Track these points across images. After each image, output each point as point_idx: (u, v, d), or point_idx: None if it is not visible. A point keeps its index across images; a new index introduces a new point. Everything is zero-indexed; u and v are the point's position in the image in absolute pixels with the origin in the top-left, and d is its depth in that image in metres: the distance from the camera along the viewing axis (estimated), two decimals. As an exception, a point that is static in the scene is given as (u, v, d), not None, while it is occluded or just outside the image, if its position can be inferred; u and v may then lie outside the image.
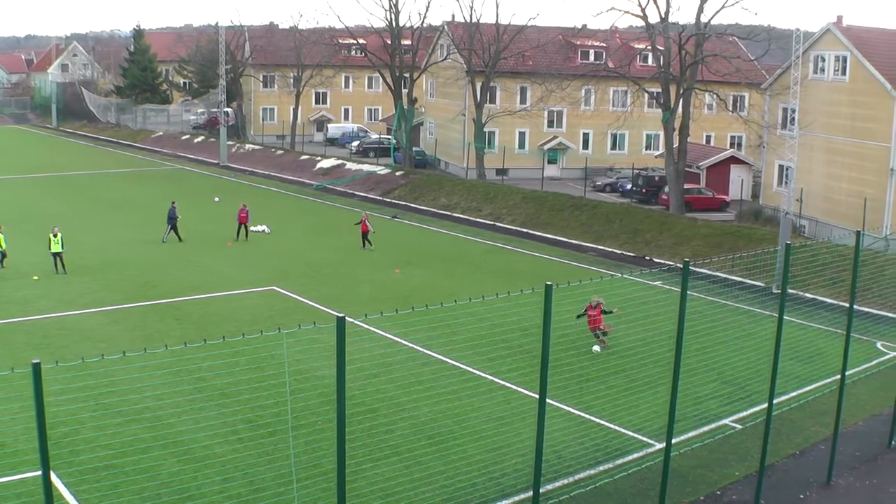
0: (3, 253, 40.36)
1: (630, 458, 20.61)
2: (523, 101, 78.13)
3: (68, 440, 20.57)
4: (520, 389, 24.88)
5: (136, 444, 20.66)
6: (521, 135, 79.36)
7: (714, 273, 37.92)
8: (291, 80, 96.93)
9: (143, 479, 18.72)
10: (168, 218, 47.58)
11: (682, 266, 16.09)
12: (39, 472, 11.83)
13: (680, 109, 56.67)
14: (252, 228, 49.78)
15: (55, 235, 39.99)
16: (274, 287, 37.58)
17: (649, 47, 63.26)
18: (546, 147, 78.90)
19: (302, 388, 23.86)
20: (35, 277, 38.75)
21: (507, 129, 77.50)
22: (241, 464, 19.86)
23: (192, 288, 37.40)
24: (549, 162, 77.86)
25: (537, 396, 14.65)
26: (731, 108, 64.71)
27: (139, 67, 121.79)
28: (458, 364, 27.18)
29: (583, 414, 23.26)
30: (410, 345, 28.94)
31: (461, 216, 58.24)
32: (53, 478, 12.71)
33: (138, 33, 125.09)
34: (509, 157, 75.94)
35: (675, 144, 56.80)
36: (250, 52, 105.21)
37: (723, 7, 56.04)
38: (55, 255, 39.92)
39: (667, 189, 60.00)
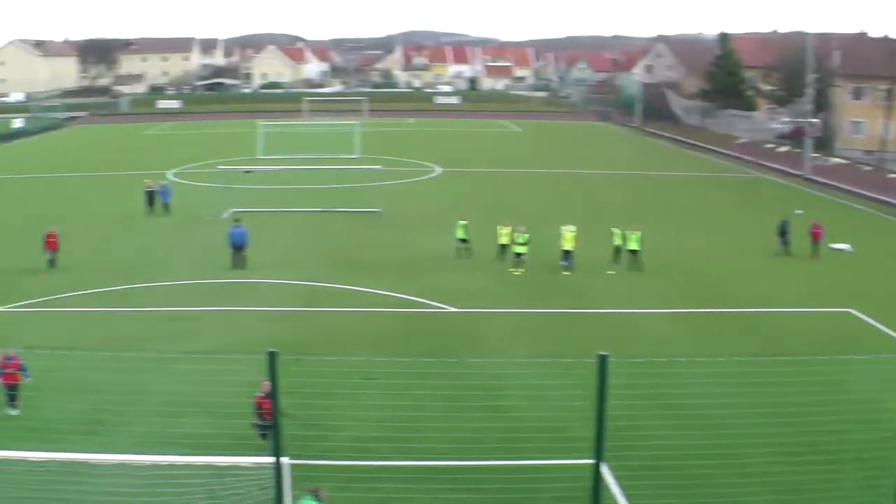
0: (567, 253, 40.97)
1: None
2: None
3: (625, 434, 20.91)
4: None
5: (691, 449, 20.82)
6: None
7: None
8: (885, 93, 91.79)
9: (693, 486, 18.83)
10: (780, 232, 46.96)
11: None
12: (592, 461, 12.34)
13: None
14: (833, 246, 47.81)
15: (632, 232, 41.53)
16: (850, 309, 35.71)
17: None
18: None
19: (867, 419, 22.57)
20: (610, 272, 40.56)
21: None
22: (797, 488, 19.24)
23: (761, 299, 36.86)
24: None
25: None
26: None
27: (724, 72, 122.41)
28: None
29: None
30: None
31: None
32: (604, 468, 13.18)
33: (724, 37, 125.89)
34: None
35: None
36: (839, 61, 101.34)
37: None
38: (631, 252, 41.39)
39: None
